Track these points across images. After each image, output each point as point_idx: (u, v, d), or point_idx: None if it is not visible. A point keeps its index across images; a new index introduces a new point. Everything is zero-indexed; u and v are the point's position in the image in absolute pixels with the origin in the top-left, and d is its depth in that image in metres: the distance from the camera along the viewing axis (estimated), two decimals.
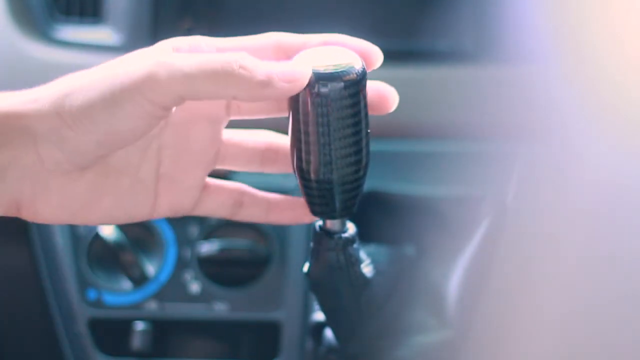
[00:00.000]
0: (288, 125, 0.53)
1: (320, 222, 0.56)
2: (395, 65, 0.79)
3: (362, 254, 0.57)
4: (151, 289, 0.83)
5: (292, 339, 0.83)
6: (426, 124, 0.81)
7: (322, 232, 0.56)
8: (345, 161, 0.52)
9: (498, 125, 0.70)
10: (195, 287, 0.83)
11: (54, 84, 0.50)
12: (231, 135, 0.57)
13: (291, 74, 0.49)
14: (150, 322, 0.84)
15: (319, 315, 0.74)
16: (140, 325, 0.83)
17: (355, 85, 0.50)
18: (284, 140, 0.57)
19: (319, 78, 0.50)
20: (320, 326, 0.73)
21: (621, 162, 0.41)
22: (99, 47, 0.85)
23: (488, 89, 0.77)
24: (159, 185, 0.55)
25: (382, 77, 0.55)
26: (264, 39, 0.53)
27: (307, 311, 0.82)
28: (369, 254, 0.59)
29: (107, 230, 0.82)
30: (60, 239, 0.83)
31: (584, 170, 0.43)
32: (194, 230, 0.83)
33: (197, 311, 0.83)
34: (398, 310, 0.66)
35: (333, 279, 0.56)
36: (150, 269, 0.83)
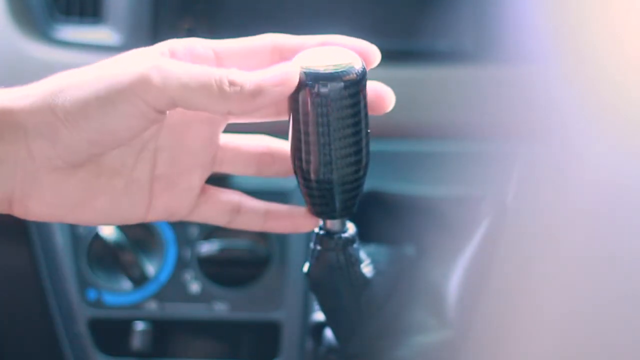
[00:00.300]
0: (288, 126, 0.53)
1: (320, 222, 0.56)
2: (395, 65, 0.79)
3: (362, 254, 0.57)
4: (151, 289, 0.83)
5: (292, 339, 0.83)
6: (426, 124, 0.80)
7: (322, 232, 0.56)
8: (345, 161, 0.52)
9: (498, 125, 0.70)
10: (195, 287, 0.83)
11: (46, 81, 0.50)
12: (228, 140, 0.57)
13: (280, 77, 0.49)
14: (150, 322, 0.83)
15: (319, 315, 0.74)
16: (140, 325, 0.83)
17: (355, 85, 0.50)
18: (281, 145, 0.57)
19: (319, 78, 0.50)
20: (320, 326, 0.73)
21: (621, 162, 0.41)
22: (99, 47, 0.85)
23: (488, 89, 0.77)
24: (154, 187, 0.54)
25: (381, 77, 0.55)
26: (261, 41, 0.53)
27: (307, 311, 0.82)
28: (369, 254, 0.59)
29: (107, 230, 0.82)
30: (60, 239, 0.83)
31: (584, 170, 0.43)
32: (194, 230, 0.83)
33: (197, 311, 0.83)
34: (398, 310, 0.66)
35: (333, 279, 0.56)
36: (150, 269, 0.83)
